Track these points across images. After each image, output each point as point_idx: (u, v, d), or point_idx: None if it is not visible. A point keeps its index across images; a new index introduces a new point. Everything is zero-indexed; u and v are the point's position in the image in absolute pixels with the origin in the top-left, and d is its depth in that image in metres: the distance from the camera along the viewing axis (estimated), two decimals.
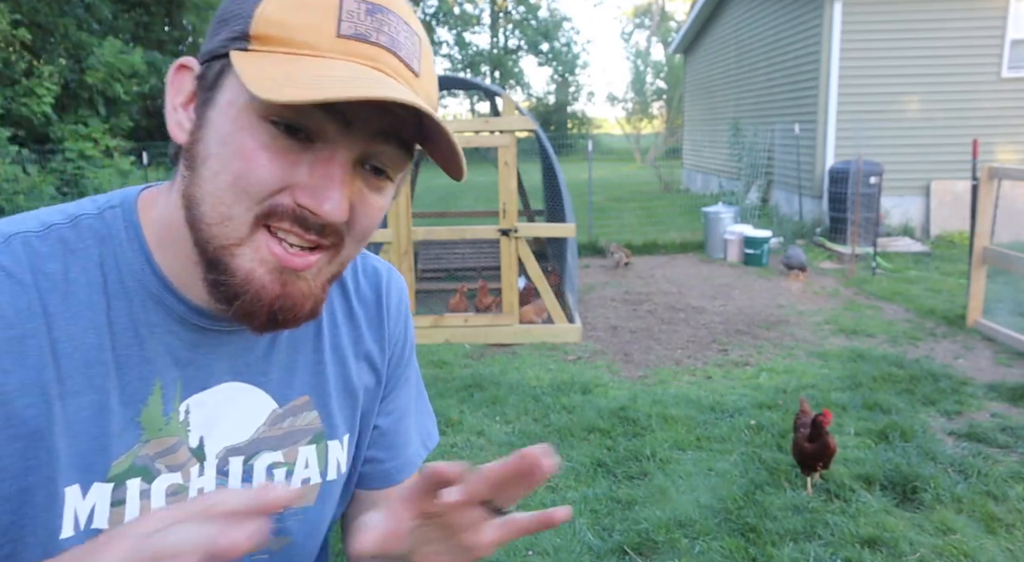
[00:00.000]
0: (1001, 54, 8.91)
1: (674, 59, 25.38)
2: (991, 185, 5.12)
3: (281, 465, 0.72)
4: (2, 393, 0.56)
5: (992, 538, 2.76)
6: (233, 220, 0.57)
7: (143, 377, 0.62)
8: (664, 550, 2.77)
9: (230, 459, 0.68)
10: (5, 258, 0.59)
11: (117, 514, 0.61)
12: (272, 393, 0.71)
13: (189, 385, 0.65)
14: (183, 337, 0.64)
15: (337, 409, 0.75)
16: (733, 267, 7.99)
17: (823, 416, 3.02)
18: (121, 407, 0.61)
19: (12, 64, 11.38)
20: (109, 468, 0.61)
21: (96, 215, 0.64)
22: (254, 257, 0.58)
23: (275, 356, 0.71)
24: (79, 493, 0.60)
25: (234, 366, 0.68)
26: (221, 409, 0.67)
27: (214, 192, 0.57)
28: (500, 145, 5.13)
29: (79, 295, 0.60)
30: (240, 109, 0.56)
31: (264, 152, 0.56)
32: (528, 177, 9.14)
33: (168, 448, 0.64)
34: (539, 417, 4.03)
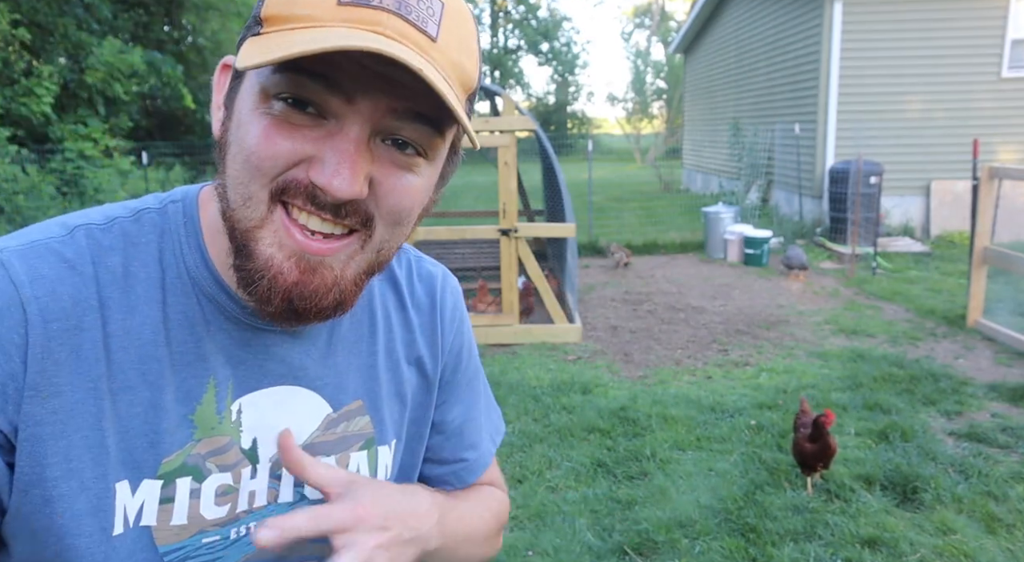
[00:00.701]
0: (1001, 54, 8.91)
1: (674, 59, 25.39)
2: (991, 185, 5.11)
3: None
4: (53, 385, 0.56)
5: (992, 538, 2.76)
6: (252, 199, 0.56)
7: (198, 375, 0.62)
8: (664, 550, 2.77)
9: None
10: (68, 249, 0.59)
11: (165, 511, 0.61)
12: (327, 397, 0.69)
13: (241, 385, 0.64)
14: (235, 336, 0.64)
15: (388, 415, 0.74)
16: (733, 267, 7.99)
17: (825, 416, 3.02)
18: (175, 404, 0.61)
19: (11, 64, 11.37)
20: (159, 465, 0.60)
21: (159, 210, 0.64)
22: (273, 241, 0.57)
23: (331, 359, 0.70)
24: (128, 489, 0.59)
25: (289, 369, 0.66)
26: (275, 411, 0.66)
27: (235, 175, 0.57)
28: (500, 145, 5.13)
29: (137, 289, 0.60)
30: (253, 92, 0.56)
31: (274, 127, 0.55)
32: (528, 177, 9.14)
33: (219, 448, 0.63)
34: (539, 417, 4.02)
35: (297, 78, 0.54)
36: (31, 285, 0.56)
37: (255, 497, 0.66)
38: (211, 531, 0.63)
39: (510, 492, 3.23)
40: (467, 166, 29.03)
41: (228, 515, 0.64)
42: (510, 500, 3.32)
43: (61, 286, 0.57)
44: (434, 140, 0.59)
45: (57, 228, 0.60)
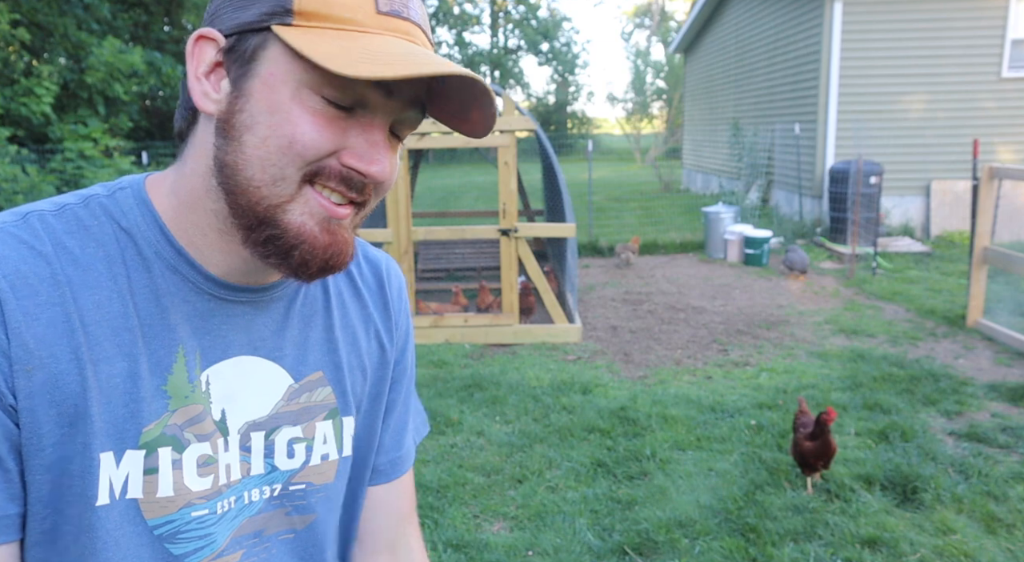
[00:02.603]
0: (1001, 54, 8.91)
1: (674, 59, 25.39)
2: (992, 185, 5.11)
3: (301, 440, 0.73)
4: (40, 358, 0.58)
5: (992, 538, 2.76)
6: (285, 180, 0.60)
7: (168, 344, 0.64)
8: (664, 550, 2.77)
9: (252, 434, 0.69)
10: (24, 232, 0.60)
11: (150, 482, 0.62)
12: (288, 368, 0.72)
13: (208, 355, 0.66)
14: (198, 306, 0.66)
15: (349, 386, 0.77)
16: (733, 267, 7.99)
17: (827, 414, 3.01)
18: (149, 374, 0.62)
19: (11, 64, 11.37)
20: (140, 434, 0.61)
21: (107, 196, 0.66)
22: (304, 211, 0.61)
23: (288, 332, 0.72)
24: (113, 460, 0.60)
25: (250, 339, 0.69)
26: (240, 382, 0.68)
27: (265, 156, 0.59)
28: (500, 145, 5.13)
29: (97, 268, 0.62)
30: (289, 80, 0.59)
31: (317, 119, 0.59)
32: (528, 177, 9.15)
33: (195, 417, 0.65)
34: (539, 417, 4.02)
35: (355, 85, 0.58)
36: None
37: (231, 470, 0.67)
38: (199, 504, 0.65)
39: (510, 492, 3.24)
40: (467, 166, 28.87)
41: (212, 487, 0.66)
42: (510, 500, 3.31)
43: (25, 265, 0.59)
44: (417, 125, 0.66)
45: (9, 216, 0.62)
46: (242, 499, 0.69)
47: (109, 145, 11.60)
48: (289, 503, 0.73)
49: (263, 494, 0.71)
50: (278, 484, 0.72)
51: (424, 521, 3.01)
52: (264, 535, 0.71)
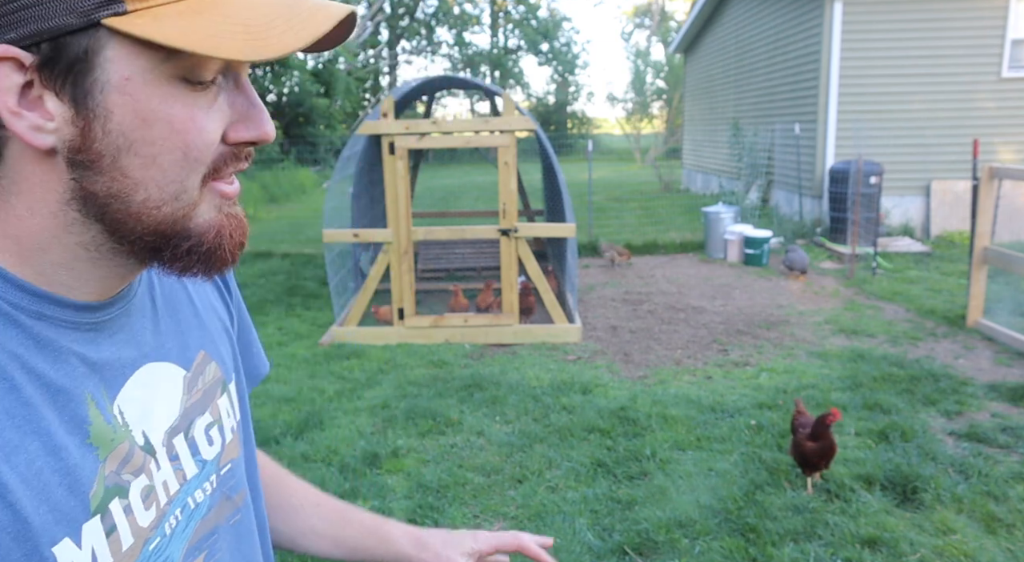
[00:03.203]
0: (1001, 54, 8.91)
1: (674, 59, 25.39)
2: (992, 185, 5.11)
3: (213, 424, 0.71)
4: None
5: (992, 538, 2.76)
6: (187, 190, 0.54)
7: (73, 397, 0.56)
8: (664, 550, 2.77)
9: (173, 441, 0.66)
10: None
11: (114, 541, 0.57)
12: (176, 360, 0.68)
13: (111, 386, 0.60)
14: (82, 340, 0.58)
15: (224, 352, 0.76)
16: (733, 267, 7.99)
17: (831, 415, 3.00)
18: (69, 437, 0.54)
19: None
20: (89, 503, 0.55)
21: None
22: (209, 208, 0.56)
23: (162, 325, 0.68)
24: (72, 545, 0.53)
25: (137, 349, 0.63)
26: (146, 396, 0.63)
27: (159, 177, 0.52)
28: (500, 145, 5.13)
29: None
30: (153, 79, 0.50)
31: (200, 113, 0.52)
32: (528, 177, 9.15)
33: (125, 456, 0.59)
34: (539, 417, 4.02)
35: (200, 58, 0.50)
36: None
37: (168, 485, 0.64)
38: (152, 536, 0.61)
39: (510, 492, 3.24)
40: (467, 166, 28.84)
41: (157, 514, 0.62)
42: (510, 500, 3.32)
43: None
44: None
45: None
46: (187, 507, 0.66)
47: None
48: (226, 487, 0.72)
49: (205, 491, 0.69)
50: (213, 475, 0.70)
51: (424, 521, 3.02)
52: (220, 528, 0.70)
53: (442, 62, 34.62)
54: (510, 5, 34.22)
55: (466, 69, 33.46)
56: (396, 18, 30.82)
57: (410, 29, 31.74)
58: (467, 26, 32.98)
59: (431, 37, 33.41)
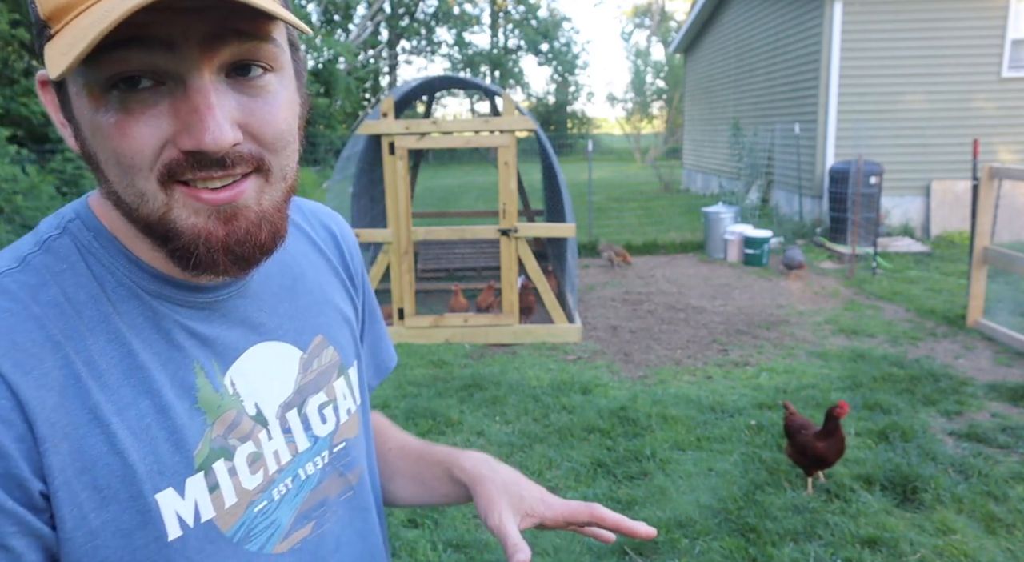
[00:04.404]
0: (1001, 54, 8.91)
1: (674, 59, 25.38)
2: (992, 185, 5.11)
3: (327, 404, 0.75)
4: (62, 428, 0.55)
5: (992, 538, 2.76)
6: (145, 194, 0.55)
7: (183, 366, 0.63)
8: (664, 550, 2.77)
9: (286, 415, 0.71)
10: (2, 301, 0.57)
11: (217, 498, 0.63)
12: (293, 342, 0.73)
13: (223, 359, 0.66)
14: (196, 317, 0.65)
15: (343, 340, 0.80)
16: (733, 267, 7.99)
17: (839, 407, 2.98)
18: (178, 400, 0.61)
19: (11, 64, 11.37)
20: (193, 460, 0.61)
21: (61, 234, 0.62)
22: (188, 212, 0.56)
23: (280, 308, 0.73)
24: (176, 495, 0.60)
25: (252, 329, 0.69)
26: (260, 372, 0.69)
27: (117, 180, 0.56)
28: (500, 145, 5.13)
29: (86, 312, 0.59)
30: (83, 95, 0.54)
31: (125, 121, 0.53)
32: (528, 177, 9.14)
33: (232, 422, 0.65)
34: (539, 417, 4.02)
35: (111, 58, 0.51)
36: None
37: (279, 455, 0.69)
38: (258, 499, 0.67)
39: None
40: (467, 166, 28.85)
41: (265, 479, 0.67)
42: None
43: (18, 335, 0.55)
44: (269, 49, 0.57)
45: None
46: (298, 477, 0.71)
47: None
48: (339, 464, 0.76)
49: (316, 465, 0.73)
50: (325, 451, 0.74)
51: (424, 521, 3.02)
52: (330, 501, 0.74)
53: (442, 62, 34.61)
54: (510, 5, 34.21)
55: (466, 69, 33.44)
56: (396, 18, 30.80)
57: (410, 29, 31.72)
58: (467, 26, 32.96)
59: (431, 37, 33.39)
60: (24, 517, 0.54)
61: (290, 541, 0.69)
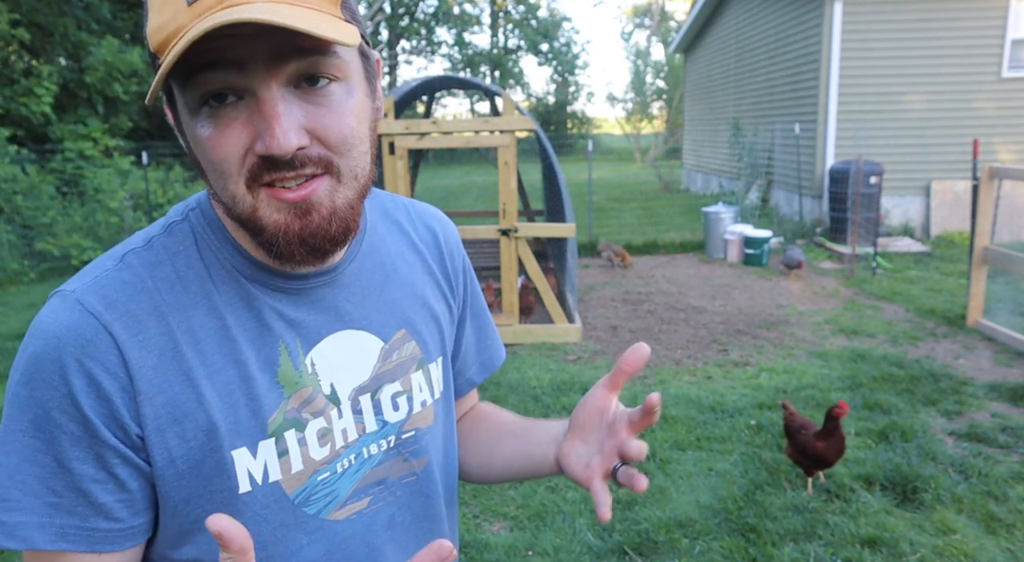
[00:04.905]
0: (1001, 54, 8.91)
1: (674, 59, 25.38)
2: (992, 185, 5.11)
3: (402, 393, 0.81)
4: (158, 385, 0.66)
5: (992, 538, 2.76)
6: (236, 196, 0.65)
7: (269, 343, 0.71)
8: (664, 550, 2.77)
9: (360, 398, 0.77)
10: (126, 273, 0.68)
11: (285, 463, 0.71)
12: (376, 332, 0.79)
13: (306, 341, 0.74)
14: (285, 302, 0.73)
15: (428, 336, 0.85)
16: (733, 267, 7.99)
17: (839, 407, 2.98)
18: (260, 373, 0.70)
19: (11, 64, 11.37)
20: (267, 426, 0.70)
21: (183, 220, 0.73)
22: (270, 210, 0.65)
23: (368, 299, 0.79)
24: (249, 454, 0.69)
25: (337, 316, 0.76)
26: (340, 356, 0.76)
27: (215, 184, 0.66)
28: (500, 145, 5.13)
29: (192, 288, 0.69)
30: (185, 111, 0.64)
31: (216, 133, 0.62)
32: (528, 177, 9.15)
33: (307, 398, 0.73)
34: (539, 417, 4.02)
35: (196, 80, 0.61)
36: (108, 310, 0.65)
37: (347, 433, 0.76)
38: (322, 469, 0.74)
39: (510, 492, 3.24)
40: (467, 166, 28.82)
41: (331, 453, 0.75)
42: (510, 500, 3.32)
43: (131, 304, 0.66)
44: (331, 62, 0.63)
45: (109, 261, 0.70)
46: (361, 455, 0.77)
47: (109, 145, 11.59)
48: (405, 450, 0.81)
49: (380, 447, 0.79)
50: (392, 436, 0.80)
51: None
52: (389, 482, 0.80)
53: (442, 62, 34.61)
54: (510, 5, 34.21)
55: (466, 69, 33.44)
56: (396, 18, 30.80)
57: (410, 29, 31.72)
58: (467, 26, 32.96)
59: (431, 37, 33.38)
60: (126, 452, 0.65)
61: (346, 511, 0.76)
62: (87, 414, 0.63)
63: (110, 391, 0.63)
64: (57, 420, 0.63)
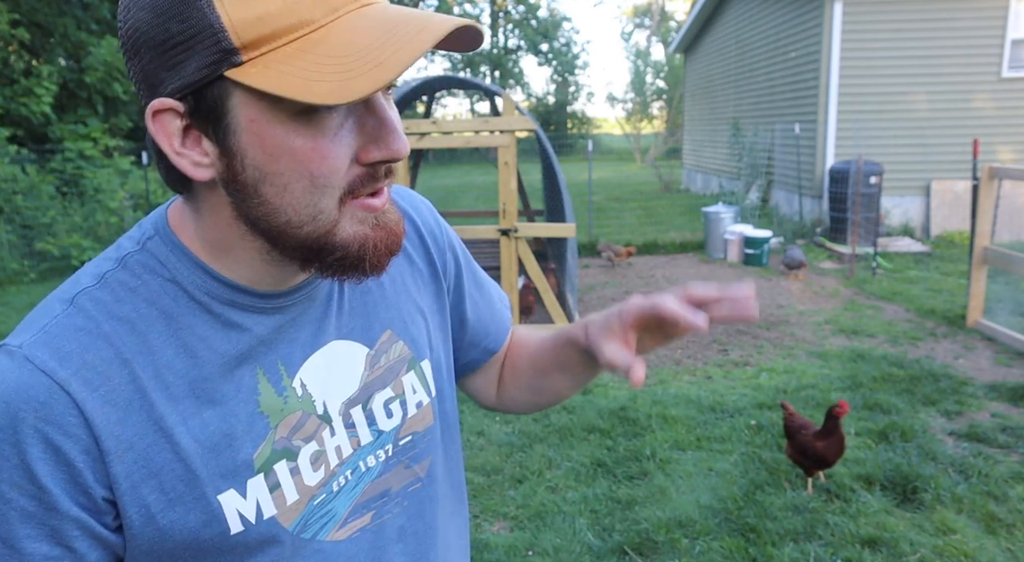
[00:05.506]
0: (1001, 54, 8.91)
1: (674, 59, 25.38)
2: (992, 185, 5.11)
3: (394, 399, 0.77)
4: (127, 440, 0.60)
5: (992, 538, 2.76)
6: (323, 211, 0.60)
7: (248, 372, 0.66)
8: (664, 550, 2.77)
9: (351, 411, 0.73)
10: (77, 319, 0.61)
11: (278, 496, 0.67)
12: (359, 339, 0.75)
13: (291, 363, 0.69)
14: (266, 324, 0.68)
15: (415, 333, 0.81)
16: (733, 267, 7.99)
17: (839, 406, 2.98)
18: (241, 406, 0.65)
19: (11, 64, 11.37)
20: (253, 463, 0.65)
21: (140, 250, 0.66)
22: (352, 222, 0.61)
23: (347, 306, 0.75)
24: (237, 495, 0.64)
25: (320, 328, 0.72)
26: (327, 370, 0.71)
27: (293, 202, 0.59)
28: (500, 145, 5.13)
29: (157, 328, 0.63)
30: (274, 117, 0.56)
31: (321, 141, 0.57)
32: (528, 177, 9.15)
33: (296, 424, 0.68)
34: (539, 417, 4.02)
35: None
36: (62, 366, 0.59)
37: (341, 450, 0.72)
38: (318, 493, 0.70)
39: (510, 492, 3.24)
40: (467, 166, 28.83)
41: (326, 474, 0.70)
42: (510, 500, 3.31)
43: (88, 354, 0.60)
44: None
45: (58, 305, 0.62)
46: (358, 469, 0.73)
47: (109, 145, 11.59)
48: (404, 456, 0.77)
49: (378, 458, 0.75)
50: (388, 445, 0.76)
51: None
52: (392, 492, 0.76)
53: (442, 62, 34.60)
54: (510, 5, 34.22)
55: (466, 69, 33.44)
56: None
57: None
58: None
59: None
60: (86, 522, 0.60)
61: (347, 530, 0.72)
62: (44, 484, 0.57)
63: (71, 455, 0.58)
64: (6, 495, 0.57)
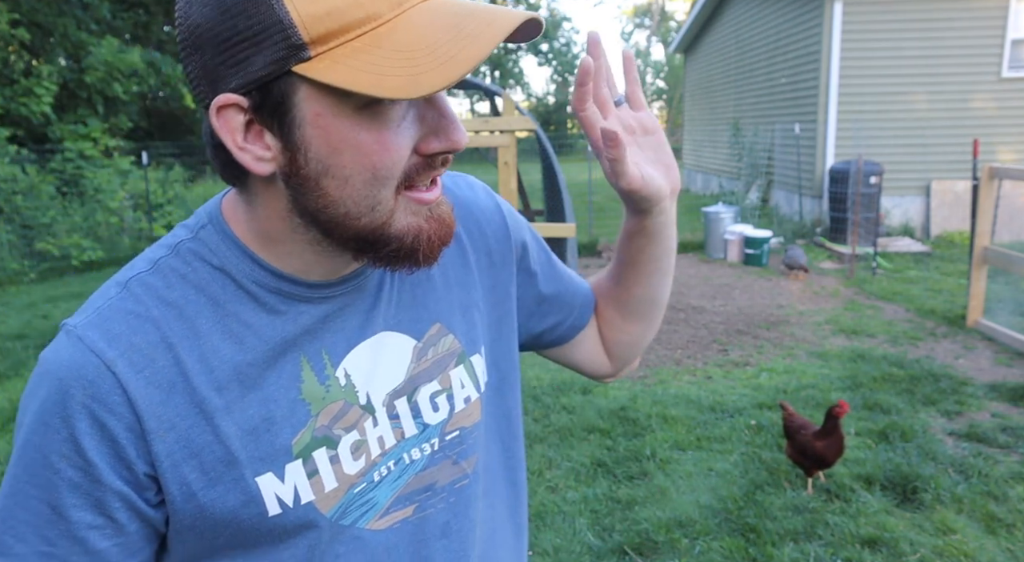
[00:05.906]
0: (1001, 54, 8.91)
1: (674, 59, 25.39)
2: (992, 185, 5.11)
3: (440, 392, 0.76)
4: (169, 420, 0.63)
5: (992, 538, 2.76)
6: (381, 203, 0.61)
7: (291, 360, 0.67)
8: (664, 550, 2.77)
9: (395, 402, 0.73)
10: (129, 303, 0.64)
11: (316, 483, 0.68)
12: (407, 331, 0.75)
13: (335, 352, 0.70)
14: (313, 313, 0.69)
15: (468, 326, 0.80)
16: (733, 267, 7.99)
17: (839, 406, 2.98)
18: (283, 392, 0.67)
19: (11, 64, 11.37)
20: (291, 448, 0.67)
21: (192, 238, 0.68)
22: (407, 214, 0.63)
23: (396, 298, 0.75)
24: (275, 479, 0.66)
25: (367, 319, 0.72)
26: (372, 362, 0.72)
27: (353, 194, 0.60)
28: (500, 145, 5.13)
29: (205, 314, 0.65)
30: (340, 112, 0.58)
31: (385, 135, 0.59)
32: (528, 177, 9.14)
33: (338, 413, 0.69)
34: (539, 417, 4.02)
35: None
36: (110, 347, 0.62)
37: (384, 441, 0.72)
38: (358, 482, 0.70)
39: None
40: (467, 166, 28.95)
41: (366, 464, 0.71)
42: None
43: (135, 336, 0.63)
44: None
45: (113, 288, 0.66)
46: (402, 461, 0.73)
47: (109, 145, 11.59)
48: (452, 452, 0.76)
49: (423, 451, 0.74)
50: (435, 438, 0.75)
51: None
52: (437, 487, 0.75)
53: None
54: (510, 5, 34.22)
55: None
56: None
57: None
58: None
59: None
60: (128, 494, 0.63)
61: (387, 520, 0.72)
62: (90, 457, 0.61)
63: (115, 432, 0.61)
64: (56, 466, 0.61)
